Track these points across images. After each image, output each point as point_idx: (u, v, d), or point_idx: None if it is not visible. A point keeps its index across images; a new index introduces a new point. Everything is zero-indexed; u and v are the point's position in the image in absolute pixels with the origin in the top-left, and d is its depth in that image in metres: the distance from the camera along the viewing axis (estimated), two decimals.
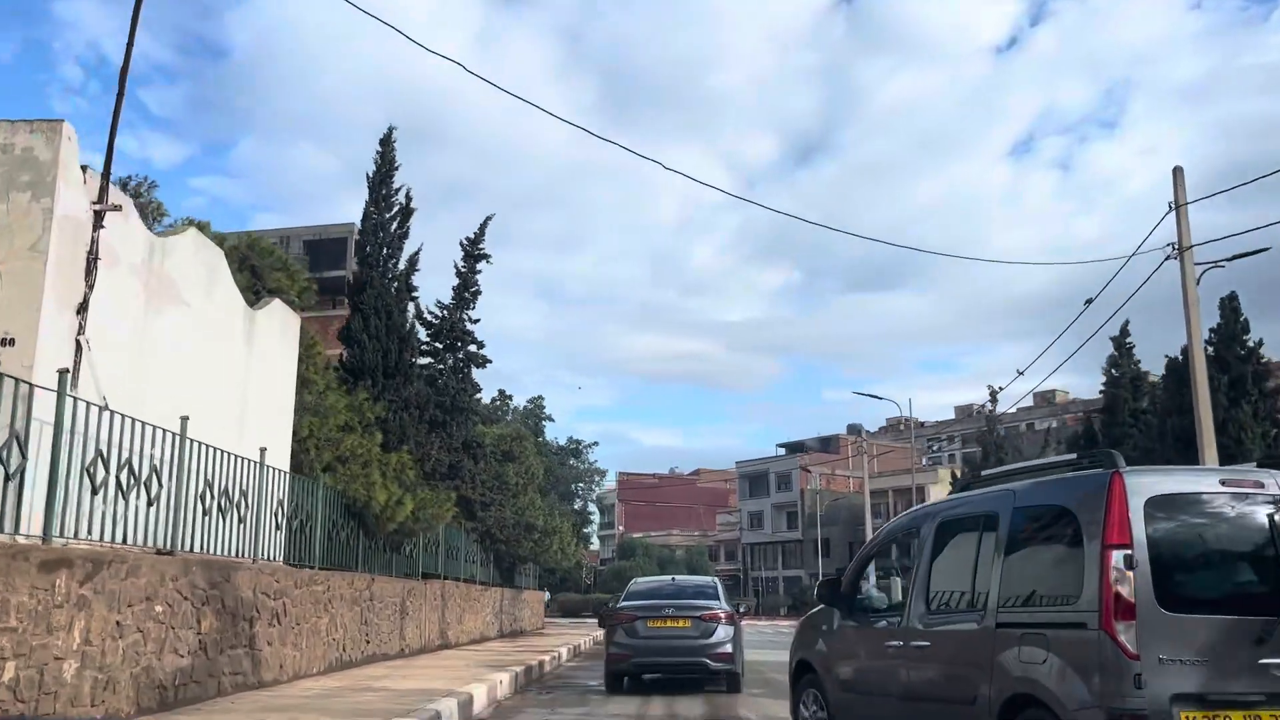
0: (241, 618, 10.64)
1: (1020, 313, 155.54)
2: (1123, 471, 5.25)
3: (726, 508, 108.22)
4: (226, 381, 12.03)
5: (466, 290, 26.78)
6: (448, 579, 21.90)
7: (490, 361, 26.82)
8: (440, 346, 26.33)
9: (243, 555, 11.32)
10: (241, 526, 11.36)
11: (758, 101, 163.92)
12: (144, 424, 8.82)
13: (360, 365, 19.16)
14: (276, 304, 13.72)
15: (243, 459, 11.23)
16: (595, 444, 50.23)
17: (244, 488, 11.37)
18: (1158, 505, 5.14)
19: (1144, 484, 5.20)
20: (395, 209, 21.34)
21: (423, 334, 26.50)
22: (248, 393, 12.62)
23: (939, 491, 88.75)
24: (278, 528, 12.48)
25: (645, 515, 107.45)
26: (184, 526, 9.76)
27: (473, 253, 26.98)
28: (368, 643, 15.46)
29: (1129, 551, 4.97)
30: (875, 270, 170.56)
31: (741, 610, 15.02)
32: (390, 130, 21.82)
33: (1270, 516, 5.18)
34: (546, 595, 60.01)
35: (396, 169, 21.65)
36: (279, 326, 13.63)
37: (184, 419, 9.87)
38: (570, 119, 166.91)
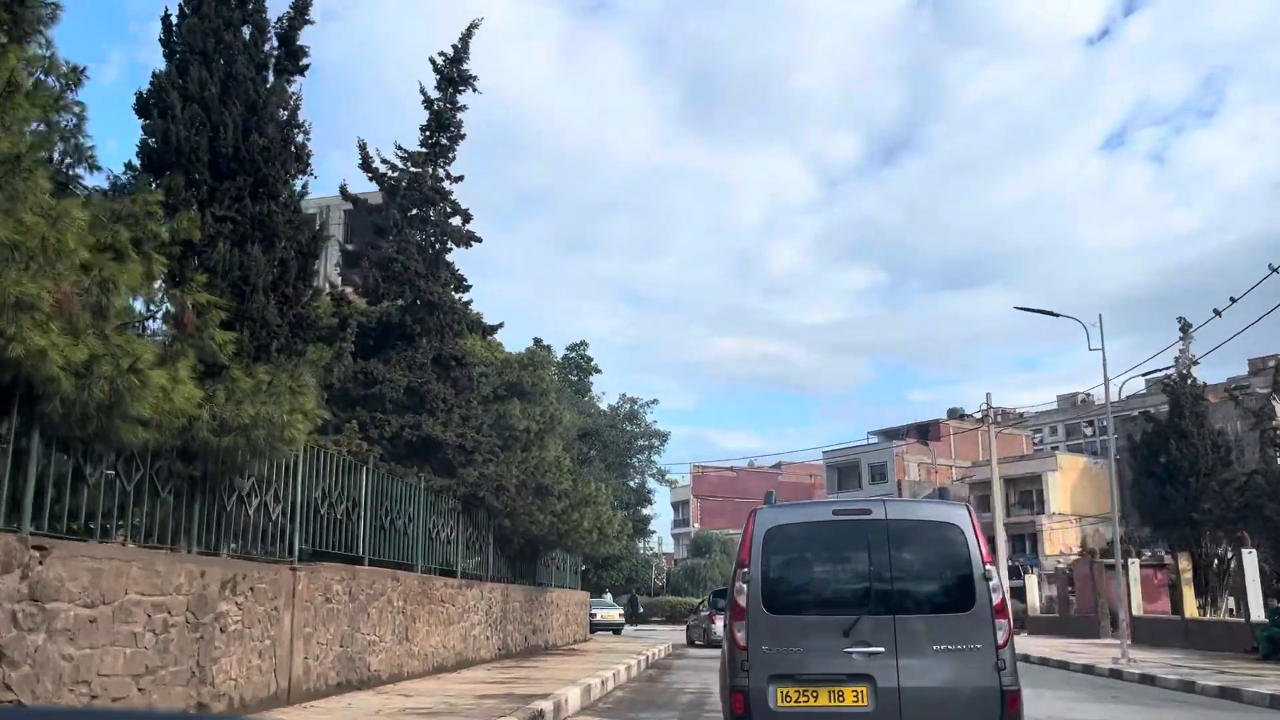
0: None
1: (1112, 310, 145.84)
2: (758, 509, 6.89)
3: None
4: None
5: (441, 131, 17.45)
6: (378, 564, 12.61)
7: (479, 240, 17.52)
8: (399, 215, 17.06)
9: None
10: None
11: (842, 101, 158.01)
12: None
13: (164, 150, 9.93)
14: None
15: None
16: (655, 401, 39.71)
17: None
18: (774, 534, 6.67)
19: (768, 518, 6.76)
20: None
21: (373, 191, 17.27)
22: None
23: (1059, 480, 77.11)
24: None
25: (722, 511, 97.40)
26: None
27: (451, 75, 17.65)
28: None
29: (746, 569, 6.56)
30: (963, 269, 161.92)
31: None
32: None
33: (866, 536, 6.50)
34: (607, 597, 50.78)
35: None
36: None
37: None
38: (652, 124, 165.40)
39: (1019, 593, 50.47)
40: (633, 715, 11.62)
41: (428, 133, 17.30)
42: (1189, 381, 30.53)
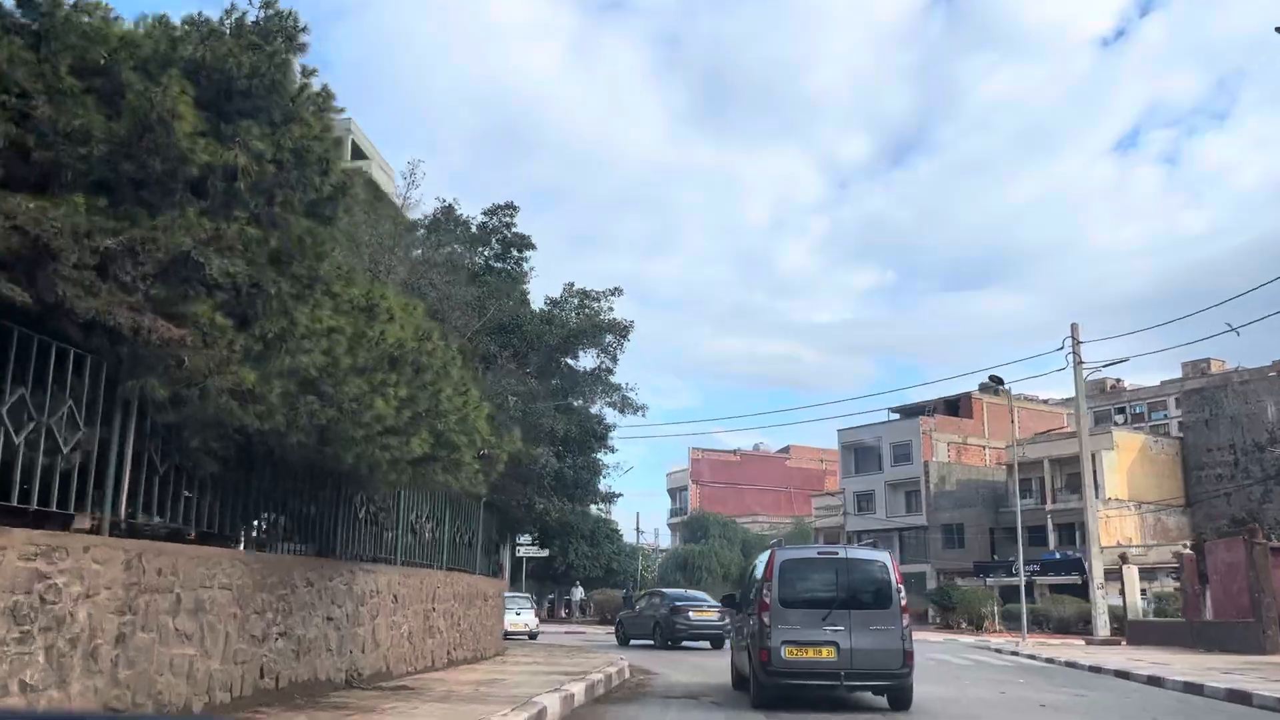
0: None
1: (1119, 311, 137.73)
2: (776, 549, 12.52)
3: (822, 492, 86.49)
4: None
5: None
6: None
7: None
8: None
9: None
10: None
11: (853, 101, 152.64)
12: None
13: None
14: None
15: None
16: (617, 291, 22.66)
17: None
18: (785, 564, 11.86)
19: (783, 554, 12.24)
20: None
21: None
22: None
23: (1115, 461, 65.54)
24: None
25: (723, 498, 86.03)
26: None
27: None
28: None
29: (770, 582, 11.51)
30: (971, 269, 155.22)
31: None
32: None
33: (836, 567, 11.86)
34: (578, 593, 39.77)
35: None
36: None
37: None
38: (663, 123, 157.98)
39: (1081, 589, 39.11)
40: None
41: None
42: None
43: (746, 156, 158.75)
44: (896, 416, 76.74)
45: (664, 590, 30.67)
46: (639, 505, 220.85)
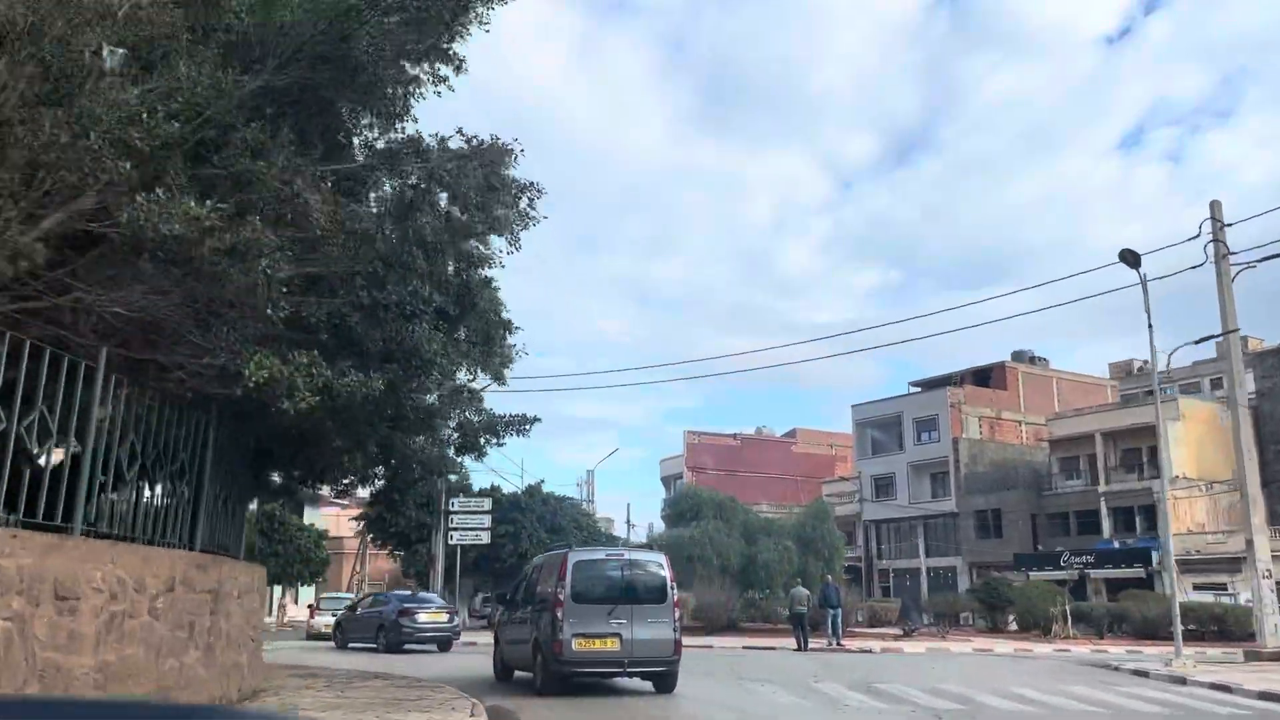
0: None
1: (1121, 311, 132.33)
2: (569, 551, 14.41)
3: (834, 477, 76.72)
4: None
5: None
6: None
7: None
8: None
9: None
10: None
11: (857, 101, 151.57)
12: None
13: None
14: None
15: None
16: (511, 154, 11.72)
17: None
18: (578, 564, 13.61)
19: (575, 555, 14.01)
20: None
21: None
22: None
23: (1182, 434, 55.68)
24: None
25: (722, 487, 76.19)
26: None
27: None
28: None
29: (563, 581, 13.26)
30: (974, 268, 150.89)
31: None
32: None
33: (620, 566, 13.93)
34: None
35: None
36: None
37: None
38: (667, 123, 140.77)
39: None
40: None
41: None
42: None
43: (750, 156, 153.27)
44: (917, 390, 67.00)
45: (391, 592, 29.21)
46: (637, 504, 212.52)
